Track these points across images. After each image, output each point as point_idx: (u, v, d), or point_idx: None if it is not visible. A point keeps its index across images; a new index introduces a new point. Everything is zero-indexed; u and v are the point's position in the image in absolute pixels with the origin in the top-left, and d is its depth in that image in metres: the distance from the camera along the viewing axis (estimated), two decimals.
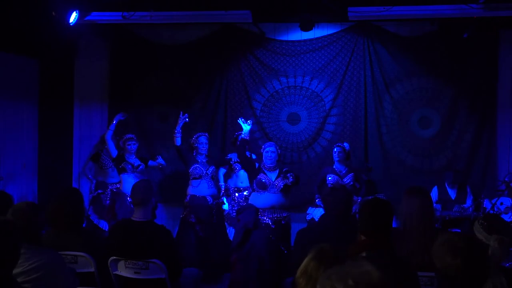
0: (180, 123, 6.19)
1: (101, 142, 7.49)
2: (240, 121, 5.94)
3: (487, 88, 7.01)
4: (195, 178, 6.14)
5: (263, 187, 5.34)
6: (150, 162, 6.69)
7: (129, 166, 6.35)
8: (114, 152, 6.42)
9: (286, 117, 7.42)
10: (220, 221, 6.34)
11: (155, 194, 3.92)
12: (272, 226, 5.28)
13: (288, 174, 5.53)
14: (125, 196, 6.26)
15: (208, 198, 6.15)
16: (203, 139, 6.22)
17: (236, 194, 6.52)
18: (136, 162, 6.46)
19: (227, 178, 6.67)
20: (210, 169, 6.21)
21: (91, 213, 6.72)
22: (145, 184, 4.00)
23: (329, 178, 6.32)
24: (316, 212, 6.35)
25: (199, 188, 6.13)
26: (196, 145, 6.21)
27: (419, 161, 7.16)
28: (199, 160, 6.19)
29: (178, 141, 6.19)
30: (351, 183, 6.28)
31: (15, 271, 2.91)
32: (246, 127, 5.79)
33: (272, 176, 5.38)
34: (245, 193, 6.35)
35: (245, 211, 5.49)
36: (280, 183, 5.33)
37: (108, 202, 6.66)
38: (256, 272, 5.15)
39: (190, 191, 6.18)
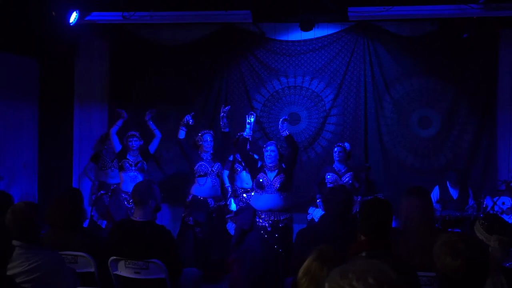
0: (186, 118, 6.10)
1: (100, 142, 7.48)
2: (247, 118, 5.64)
3: (487, 88, 7.00)
4: (200, 176, 6.07)
5: (261, 187, 5.33)
6: (150, 147, 6.43)
7: (127, 165, 6.27)
8: (117, 147, 6.30)
9: (286, 117, 7.40)
10: (221, 222, 6.32)
11: (159, 196, 3.89)
12: (268, 229, 5.25)
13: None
14: (120, 192, 6.22)
15: (210, 201, 6.09)
16: (208, 136, 6.17)
17: (244, 195, 6.51)
18: (138, 158, 6.35)
19: (231, 180, 6.65)
20: (216, 166, 6.17)
21: (94, 214, 6.68)
22: (146, 184, 4.00)
23: (328, 177, 6.33)
24: (316, 213, 6.35)
25: (204, 187, 6.07)
26: (201, 142, 6.15)
27: (419, 161, 7.15)
28: (204, 158, 6.13)
29: (182, 134, 6.10)
30: (350, 181, 6.29)
31: (15, 271, 2.91)
32: (247, 126, 5.67)
33: (272, 175, 5.37)
34: (252, 193, 6.35)
35: (242, 213, 5.50)
36: (277, 182, 5.32)
37: None
38: (251, 272, 5.15)
39: (193, 190, 6.10)
